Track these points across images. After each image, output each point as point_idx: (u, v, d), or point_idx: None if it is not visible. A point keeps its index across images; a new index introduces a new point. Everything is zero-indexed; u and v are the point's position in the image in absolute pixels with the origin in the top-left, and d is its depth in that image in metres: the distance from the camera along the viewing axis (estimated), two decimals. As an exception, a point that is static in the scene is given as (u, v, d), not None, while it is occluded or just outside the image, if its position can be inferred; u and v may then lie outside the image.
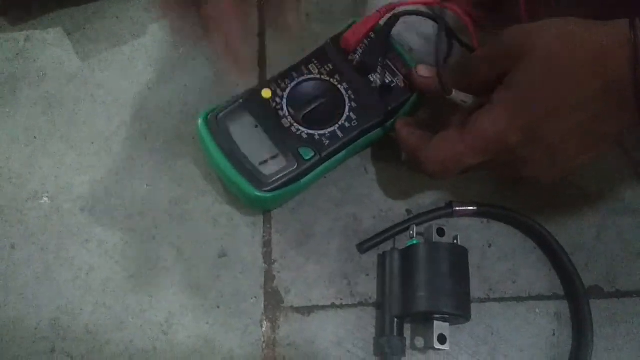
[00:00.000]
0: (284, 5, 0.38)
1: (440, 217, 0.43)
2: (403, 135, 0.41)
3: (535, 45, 0.35)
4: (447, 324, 0.38)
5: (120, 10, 0.50)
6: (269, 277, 0.42)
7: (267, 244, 0.43)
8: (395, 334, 0.39)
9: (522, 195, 0.44)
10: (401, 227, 0.43)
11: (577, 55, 0.34)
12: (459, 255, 0.40)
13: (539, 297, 0.42)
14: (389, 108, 0.43)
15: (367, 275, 0.42)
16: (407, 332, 0.40)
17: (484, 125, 0.36)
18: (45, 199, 0.43)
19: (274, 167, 0.40)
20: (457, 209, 0.43)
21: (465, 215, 0.44)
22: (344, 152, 0.42)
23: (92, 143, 0.45)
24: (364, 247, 0.42)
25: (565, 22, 0.35)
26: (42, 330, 0.39)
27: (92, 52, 0.48)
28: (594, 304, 0.41)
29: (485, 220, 0.44)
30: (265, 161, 0.41)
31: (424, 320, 0.39)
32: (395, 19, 0.44)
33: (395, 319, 0.39)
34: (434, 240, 0.40)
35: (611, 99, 0.34)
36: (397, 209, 0.44)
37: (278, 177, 0.40)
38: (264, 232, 0.43)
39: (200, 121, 0.41)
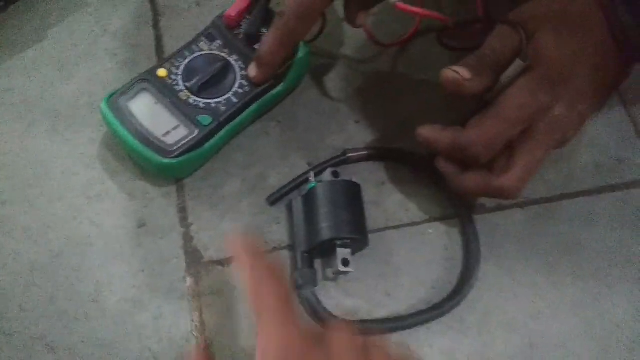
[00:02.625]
0: None
1: (337, 165, 0.48)
2: (435, 136, 0.43)
3: (538, 17, 0.41)
4: (349, 249, 0.43)
5: (19, 21, 0.53)
6: (187, 238, 0.45)
7: (182, 210, 0.46)
8: (306, 267, 0.43)
9: (409, 135, 0.49)
10: (303, 178, 0.47)
11: (575, 10, 0.41)
12: (352, 189, 0.45)
13: (431, 220, 0.47)
14: (277, 72, 0.47)
15: (278, 224, 0.46)
16: (319, 268, 0.45)
17: (515, 95, 0.40)
18: (-34, 198, 0.46)
19: (176, 136, 0.44)
20: (351, 155, 0.48)
21: (360, 159, 0.49)
22: (241, 116, 0.46)
23: (6, 143, 0.48)
24: (271, 199, 0.47)
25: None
26: (-23, 315, 0.42)
27: (-3, 61, 0.51)
28: (480, 218, 0.47)
29: (377, 163, 0.49)
30: (168, 132, 0.44)
31: (329, 253, 0.44)
32: (271, -7, 0.49)
33: (305, 254, 0.44)
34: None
35: (611, 43, 0.41)
36: (299, 164, 0.49)
37: (181, 144, 0.44)
38: (178, 200, 0.47)
39: (103, 105, 0.45)
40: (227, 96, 0.46)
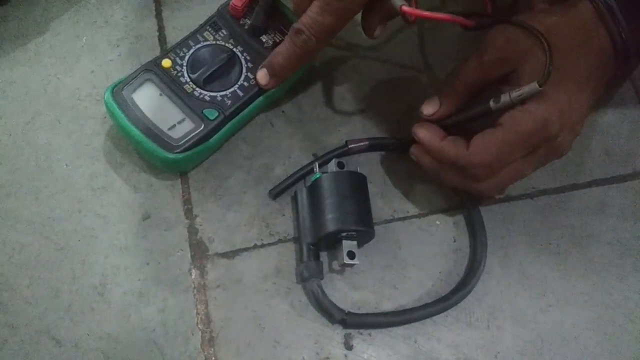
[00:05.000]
0: None
1: (339, 156, 0.47)
2: (434, 143, 0.42)
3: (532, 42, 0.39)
4: (355, 242, 0.42)
5: (22, 13, 0.52)
6: (192, 230, 0.45)
7: (187, 202, 0.46)
8: (311, 259, 0.43)
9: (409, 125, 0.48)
10: (305, 170, 0.47)
11: (570, 37, 0.39)
12: (358, 180, 0.44)
13: (438, 211, 0.47)
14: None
15: (284, 215, 0.46)
16: (325, 260, 0.44)
17: (525, 123, 0.39)
18: (-30, 191, 0.45)
19: (182, 130, 0.44)
20: (352, 146, 0.47)
21: (360, 150, 0.48)
22: (247, 109, 0.46)
23: (10, 135, 0.47)
24: (274, 192, 0.46)
25: (541, 16, 0.40)
26: (-18, 309, 0.42)
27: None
28: (488, 209, 0.46)
29: (380, 153, 0.48)
30: (174, 126, 0.44)
31: (336, 245, 0.43)
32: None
33: (311, 246, 0.43)
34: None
35: (602, 65, 0.40)
36: (304, 155, 0.48)
37: (187, 138, 0.43)
38: (182, 192, 0.46)
39: (106, 95, 0.44)
40: (233, 89, 0.45)
